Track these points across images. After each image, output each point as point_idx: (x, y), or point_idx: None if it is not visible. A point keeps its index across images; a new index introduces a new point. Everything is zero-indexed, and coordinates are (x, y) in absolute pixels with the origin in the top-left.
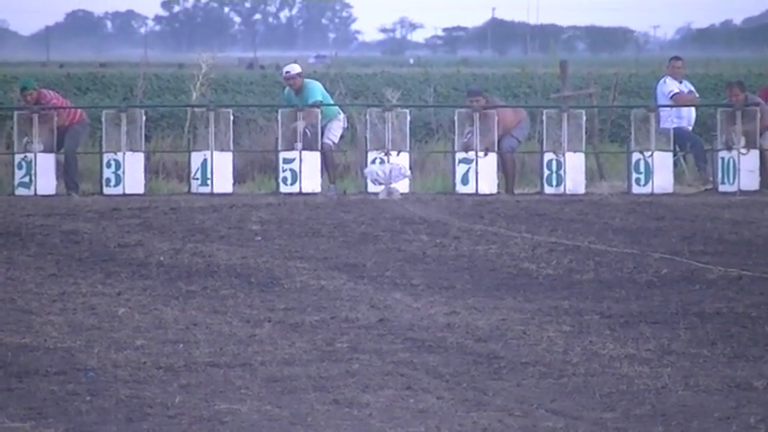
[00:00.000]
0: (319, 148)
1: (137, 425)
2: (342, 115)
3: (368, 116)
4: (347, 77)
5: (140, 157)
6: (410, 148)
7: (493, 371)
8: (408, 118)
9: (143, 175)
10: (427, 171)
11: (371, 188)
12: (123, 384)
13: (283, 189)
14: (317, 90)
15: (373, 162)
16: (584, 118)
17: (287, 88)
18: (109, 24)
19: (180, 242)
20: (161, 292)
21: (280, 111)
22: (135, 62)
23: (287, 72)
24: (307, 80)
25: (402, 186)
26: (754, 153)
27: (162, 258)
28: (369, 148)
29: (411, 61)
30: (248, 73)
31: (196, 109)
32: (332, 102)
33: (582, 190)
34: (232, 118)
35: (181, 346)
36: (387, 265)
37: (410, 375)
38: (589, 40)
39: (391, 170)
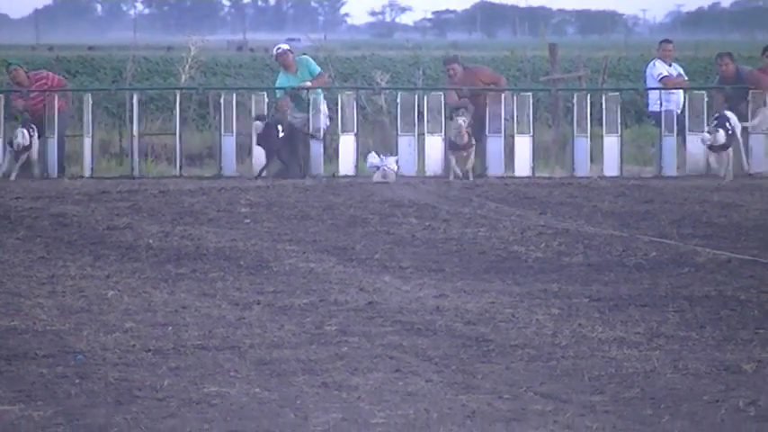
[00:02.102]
0: (315, 132)
1: (125, 407)
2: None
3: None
4: (336, 60)
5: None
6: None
7: (482, 354)
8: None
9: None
10: (419, 154)
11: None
12: (112, 367)
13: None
14: (311, 61)
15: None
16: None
17: (281, 73)
18: (99, 8)
19: (169, 225)
20: (150, 274)
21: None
22: (125, 45)
23: (278, 49)
24: (299, 57)
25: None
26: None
27: (151, 241)
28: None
29: (408, 43)
30: (237, 55)
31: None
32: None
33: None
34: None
35: (170, 328)
36: (376, 248)
37: (399, 358)
38: (578, 23)
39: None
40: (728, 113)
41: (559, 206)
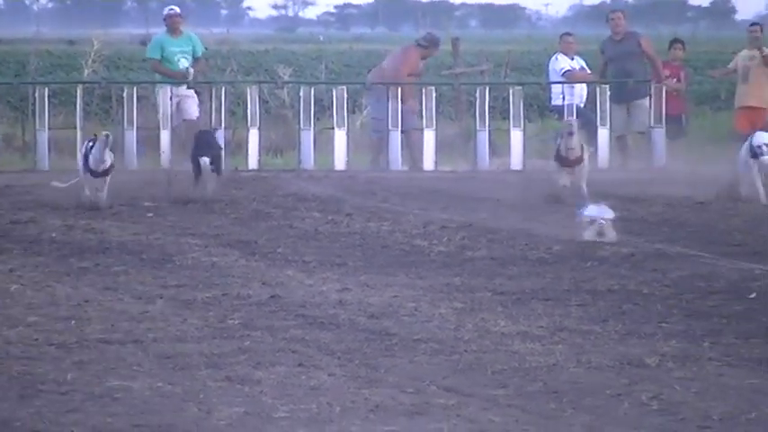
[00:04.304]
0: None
1: (29, 401)
2: None
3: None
4: (239, 54)
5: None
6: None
7: (385, 348)
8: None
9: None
10: (320, 148)
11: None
12: (15, 361)
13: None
14: (199, 42)
15: None
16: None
17: (161, 34)
18: (1, 1)
19: (72, 219)
20: (53, 268)
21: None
22: (28, 39)
23: (170, 9)
24: (191, 32)
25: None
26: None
27: (54, 235)
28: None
29: (321, 38)
30: (141, 49)
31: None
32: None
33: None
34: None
35: (73, 322)
36: (279, 242)
37: (302, 352)
38: (482, 16)
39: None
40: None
41: (463, 200)
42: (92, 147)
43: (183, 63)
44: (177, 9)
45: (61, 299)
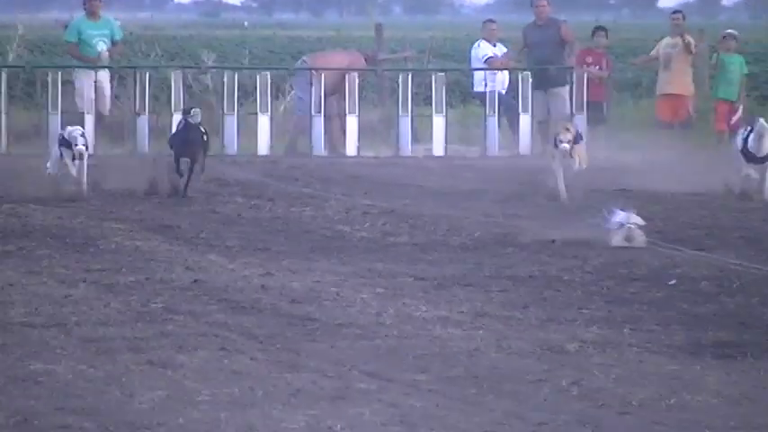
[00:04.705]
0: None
1: None
2: None
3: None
4: (163, 39)
5: None
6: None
7: (307, 332)
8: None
9: None
10: (243, 133)
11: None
12: None
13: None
14: (117, 27)
15: None
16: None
17: (80, 17)
18: None
19: None
20: None
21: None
22: None
23: None
24: (110, 18)
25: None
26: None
27: None
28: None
29: (245, 24)
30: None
31: None
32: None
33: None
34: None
35: None
36: (202, 227)
37: (224, 336)
38: (405, 3)
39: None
40: None
41: (385, 186)
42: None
43: (101, 46)
44: None
45: None
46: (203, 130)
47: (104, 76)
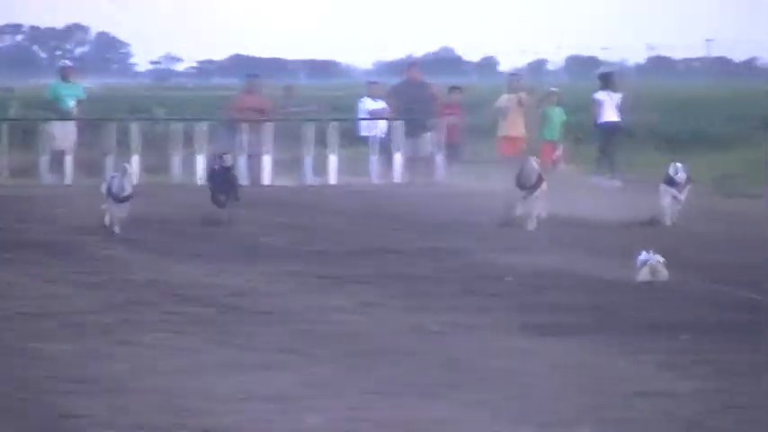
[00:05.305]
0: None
1: None
2: None
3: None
4: (125, 98)
5: None
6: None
7: (237, 318)
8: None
9: None
10: (186, 168)
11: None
12: None
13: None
14: (82, 89)
15: None
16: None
17: (56, 81)
18: None
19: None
20: None
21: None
22: None
23: (65, 62)
24: (78, 82)
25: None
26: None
27: None
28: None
29: (190, 86)
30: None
31: None
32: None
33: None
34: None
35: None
36: (157, 239)
37: (174, 322)
38: (307, 69)
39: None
40: None
41: (294, 207)
42: (114, 176)
43: (70, 104)
44: (69, 63)
45: None
46: (233, 171)
47: (71, 125)
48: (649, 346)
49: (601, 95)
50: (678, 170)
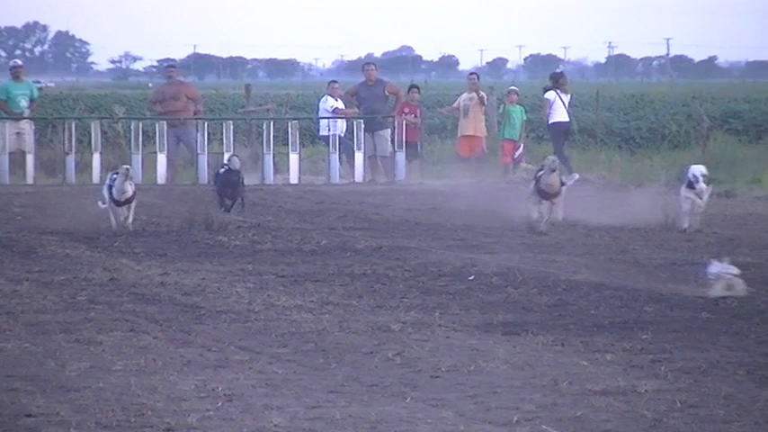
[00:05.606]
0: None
1: None
2: None
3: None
4: (85, 97)
5: None
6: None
7: (195, 317)
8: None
9: None
10: (146, 167)
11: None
12: None
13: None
14: (36, 88)
15: None
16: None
17: (7, 80)
18: None
19: None
20: None
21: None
22: None
23: (15, 62)
24: (31, 81)
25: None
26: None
27: None
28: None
29: (150, 85)
30: None
31: None
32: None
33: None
34: None
35: None
36: (115, 238)
37: (133, 321)
38: (267, 68)
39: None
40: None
41: (253, 205)
42: (115, 178)
43: (23, 103)
44: (20, 62)
45: None
46: (240, 173)
47: (26, 124)
48: (611, 345)
49: (551, 95)
50: (698, 174)
